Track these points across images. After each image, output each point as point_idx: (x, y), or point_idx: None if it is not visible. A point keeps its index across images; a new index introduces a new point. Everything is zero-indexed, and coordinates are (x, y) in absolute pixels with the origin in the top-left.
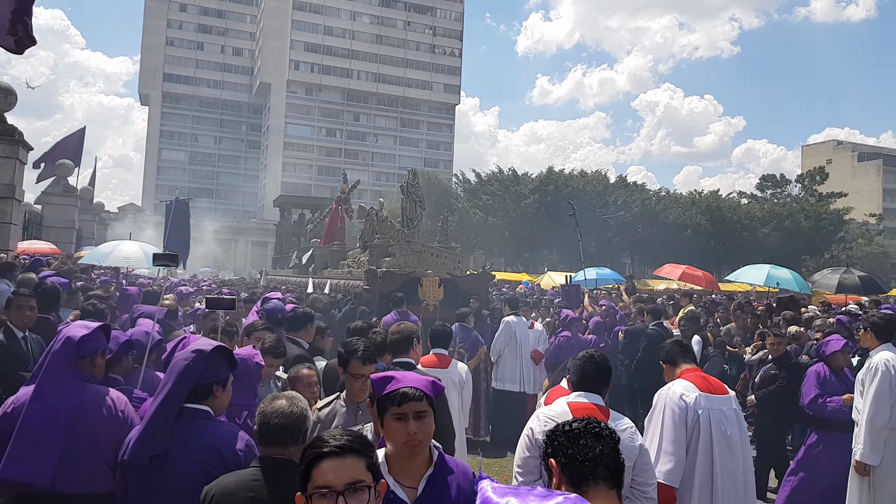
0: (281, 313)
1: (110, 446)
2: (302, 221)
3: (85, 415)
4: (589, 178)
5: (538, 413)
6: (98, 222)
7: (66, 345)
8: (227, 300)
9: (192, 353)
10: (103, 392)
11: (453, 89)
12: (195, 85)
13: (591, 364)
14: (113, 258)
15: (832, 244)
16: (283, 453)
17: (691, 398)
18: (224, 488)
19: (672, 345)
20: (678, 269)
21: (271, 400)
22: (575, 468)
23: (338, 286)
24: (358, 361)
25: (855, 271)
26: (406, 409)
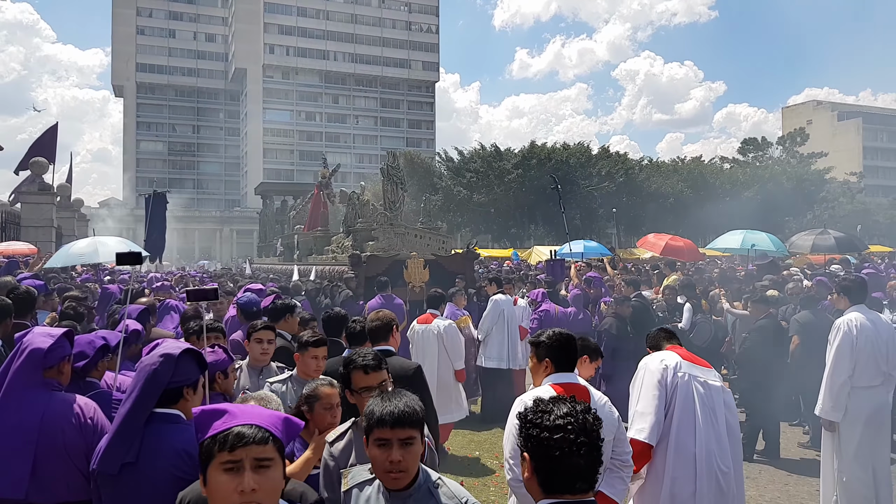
0: (255, 306)
1: (81, 454)
2: (285, 208)
3: (54, 424)
4: (572, 151)
5: (524, 399)
6: (78, 219)
7: (31, 356)
8: (209, 290)
9: (160, 358)
10: (71, 400)
11: (432, 66)
12: (169, 74)
13: (565, 342)
14: (69, 257)
15: (814, 204)
16: None
17: (671, 362)
18: (199, 493)
19: (657, 332)
20: (661, 240)
21: (241, 403)
22: (549, 482)
23: (323, 272)
24: (360, 372)
25: (832, 232)
26: (240, 454)
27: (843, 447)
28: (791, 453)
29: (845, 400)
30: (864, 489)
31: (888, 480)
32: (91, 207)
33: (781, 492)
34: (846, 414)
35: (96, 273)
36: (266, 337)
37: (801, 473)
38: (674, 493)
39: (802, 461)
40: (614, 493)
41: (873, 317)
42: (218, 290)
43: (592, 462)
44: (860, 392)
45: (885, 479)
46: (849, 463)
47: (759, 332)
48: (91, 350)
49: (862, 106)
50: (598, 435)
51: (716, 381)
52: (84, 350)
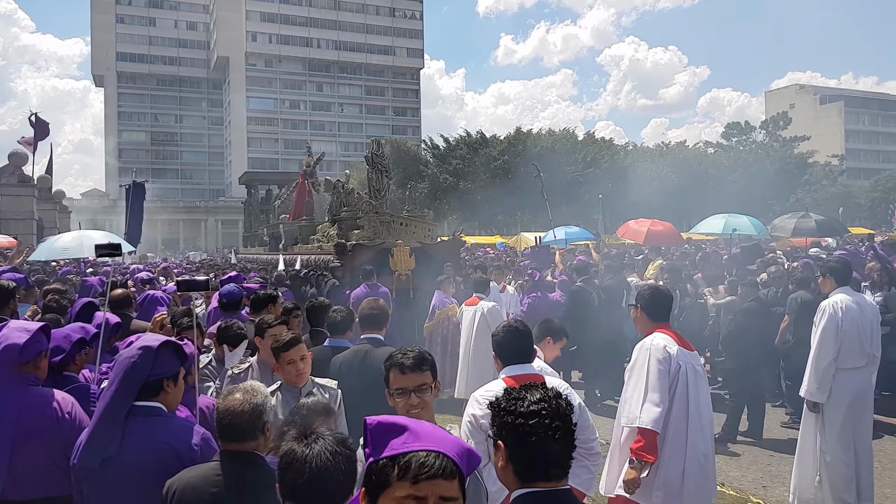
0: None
1: (59, 449)
2: (269, 197)
3: (31, 420)
4: (557, 137)
5: (476, 396)
6: (59, 211)
7: (6, 351)
8: (200, 282)
9: (139, 350)
10: (48, 395)
11: (416, 53)
12: (150, 63)
13: (513, 335)
14: (52, 251)
15: (797, 187)
16: (240, 447)
17: (674, 350)
18: (186, 482)
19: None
20: (642, 226)
21: (226, 395)
22: (524, 469)
23: (308, 261)
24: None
25: (813, 215)
26: (425, 490)
27: (828, 428)
28: (773, 433)
29: (830, 381)
30: (845, 469)
31: (869, 460)
32: (73, 199)
33: (764, 472)
34: (831, 395)
35: (77, 265)
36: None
37: (784, 452)
38: (667, 479)
39: (785, 440)
40: (579, 483)
41: (858, 298)
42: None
43: (566, 447)
44: (845, 374)
45: (867, 458)
46: (832, 443)
47: (745, 314)
48: (67, 344)
49: (844, 89)
50: (570, 419)
51: (700, 364)
52: (60, 344)
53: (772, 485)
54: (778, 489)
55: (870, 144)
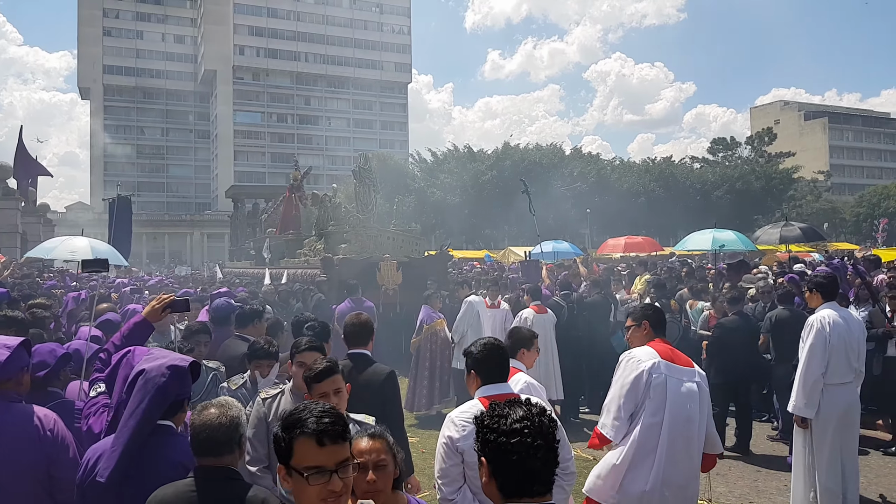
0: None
1: (42, 466)
2: (256, 211)
3: (11, 437)
4: (544, 152)
5: (452, 418)
6: (44, 224)
7: None
8: (179, 302)
9: (168, 370)
10: (29, 412)
11: (404, 68)
12: (137, 76)
13: (493, 352)
14: (59, 251)
15: (783, 203)
16: (217, 462)
17: (648, 363)
18: (161, 500)
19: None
20: (619, 242)
21: (201, 410)
22: (507, 486)
23: (295, 276)
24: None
25: (795, 224)
26: None
27: (816, 443)
28: (760, 448)
29: (818, 397)
30: (833, 485)
31: (855, 475)
32: (57, 212)
33: (751, 487)
34: (819, 411)
35: (62, 279)
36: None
37: (771, 468)
38: (625, 489)
39: (772, 455)
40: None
41: (845, 314)
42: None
43: (549, 464)
44: (833, 389)
45: (853, 473)
46: (822, 460)
47: (722, 329)
48: (52, 359)
49: (828, 105)
50: (554, 437)
51: (693, 381)
52: (45, 359)
53: (758, 500)
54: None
55: (854, 160)
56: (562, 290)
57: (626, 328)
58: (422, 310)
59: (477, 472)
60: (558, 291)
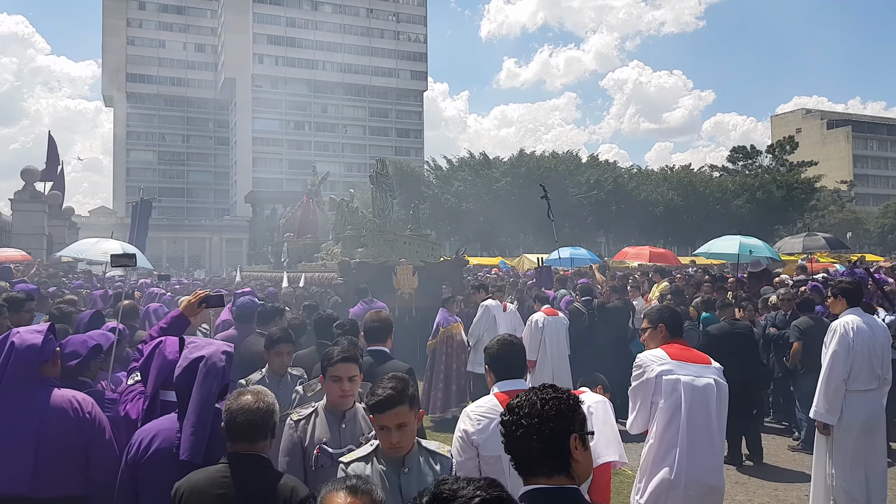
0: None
1: (79, 447)
2: (274, 216)
3: (53, 419)
4: (560, 159)
5: (468, 412)
6: (68, 227)
7: (29, 352)
8: (214, 297)
9: (224, 355)
10: (69, 396)
11: (420, 76)
12: (159, 84)
13: (509, 349)
14: (92, 252)
15: (804, 213)
16: (250, 449)
17: (656, 365)
18: (194, 484)
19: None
20: (643, 250)
21: (237, 396)
22: (514, 464)
23: (312, 279)
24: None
25: (819, 233)
26: None
27: (837, 452)
28: (781, 458)
29: (841, 403)
30: (856, 494)
31: (881, 487)
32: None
33: (771, 496)
34: (841, 418)
35: (89, 279)
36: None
37: (791, 478)
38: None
39: (793, 465)
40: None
41: (869, 319)
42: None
43: (538, 448)
44: (856, 396)
45: (879, 485)
46: (842, 468)
47: (709, 336)
48: (84, 349)
49: (851, 114)
50: (545, 419)
51: (710, 376)
52: (77, 349)
53: None
54: None
55: (878, 170)
56: (583, 297)
57: (641, 330)
58: (439, 313)
59: (491, 467)
60: (579, 297)
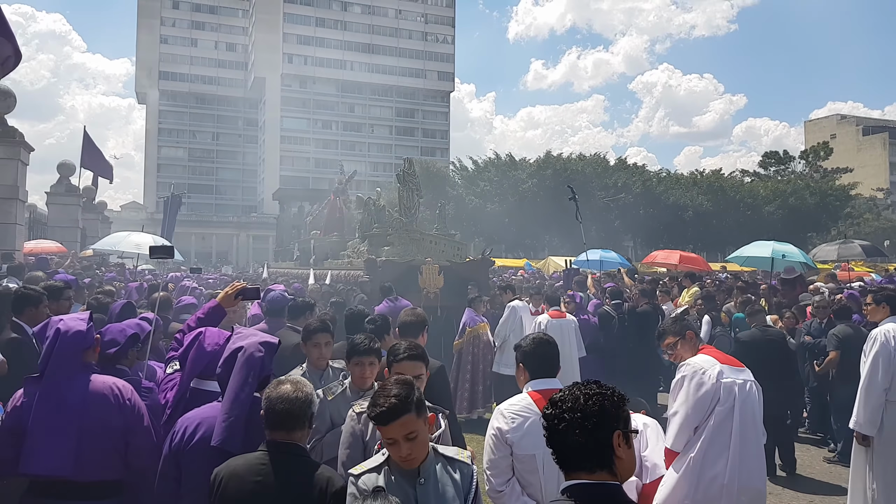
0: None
1: (120, 432)
2: (301, 214)
3: (95, 404)
4: (588, 161)
5: (501, 410)
6: (101, 221)
7: (76, 338)
8: (250, 290)
9: (262, 346)
10: (110, 381)
11: (447, 76)
12: (190, 81)
13: (543, 347)
14: (124, 244)
15: (838, 220)
16: (288, 437)
17: (714, 371)
18: (233, 471)
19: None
20: (673, 254)
21: (276, 385)
22: (556, 458)
23: (338, 276)
24: None
25: (855, 241)
26: None
27: (878, 464)
28: (816, 469)
29: (881, 413)
30: None
31: None
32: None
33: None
34: (882, 429)
35: (121, 272)
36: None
37: (827, 491)
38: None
39: (828, 478)
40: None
41: None
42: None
43: (580, 442)
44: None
45: None
46: (884, 481)
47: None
48: (122, 338)
49: (888, 120)
50: (588, 415)
51: (752, 380)
52: (115, 337)
53: None
54: None
55: None
56: (613, 300)
57: (667, 346)
58: (465, 312)
59: (525, 465)
60: (608, 301)
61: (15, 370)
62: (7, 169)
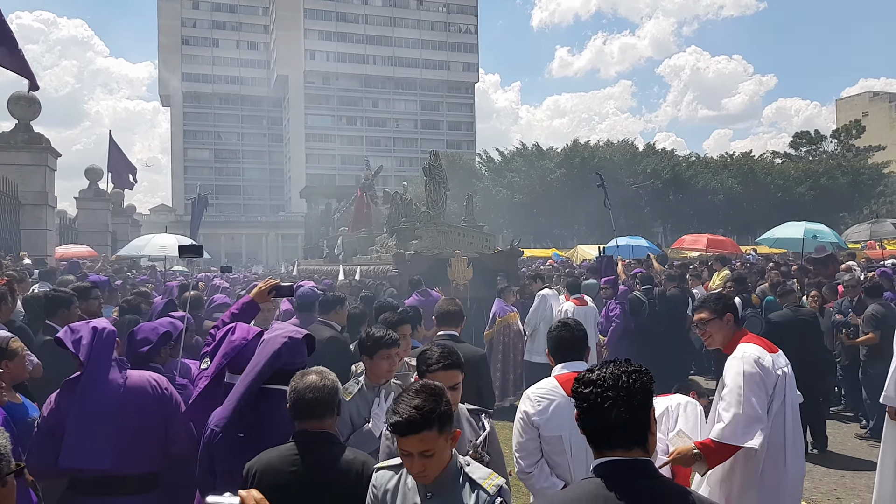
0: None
1: (160, 420)
2: (329, 211)
3: (134, 397)
4: (616, 148)
5: (528, 394)
6: (131, 224)
7: (110, 335)
8: (284, 287)
9: (284, 339)
10: (146, 375)
11: (471, 67)
12: (213, 82)
13: (566, 332)
14: (149, 248)
15: (871, 199)
16: (319, 426)
17: (768, 361)
18: (266, 463)
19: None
20: (701, 237)
21: (301, 376)
22: (590, 436)
23: (368, 271)
24: None
25: (886, 220)
26: None
27: None
28: (848, 446)
29: None
30: None
31: None
32: (142, 214)
33: (838, 484)
34: None
35: (153, 274)
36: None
37: (859, 466)
38: (764, 486)
39: (860, 454)
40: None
41: None
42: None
43: (625, 419)
44: None
45: None
46: None
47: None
48: (154, 336)
49: None
50: (631, 393)
51: (789, 367)
52: (148, 336)
53: (846, 497)
54: (852, 501)
55: None
56: (643, 285)
57: (699, 321)
58: (495, 303)
59: (553, 447)
60: (639, 286)
61: (50, 373)
62: (35, 175)
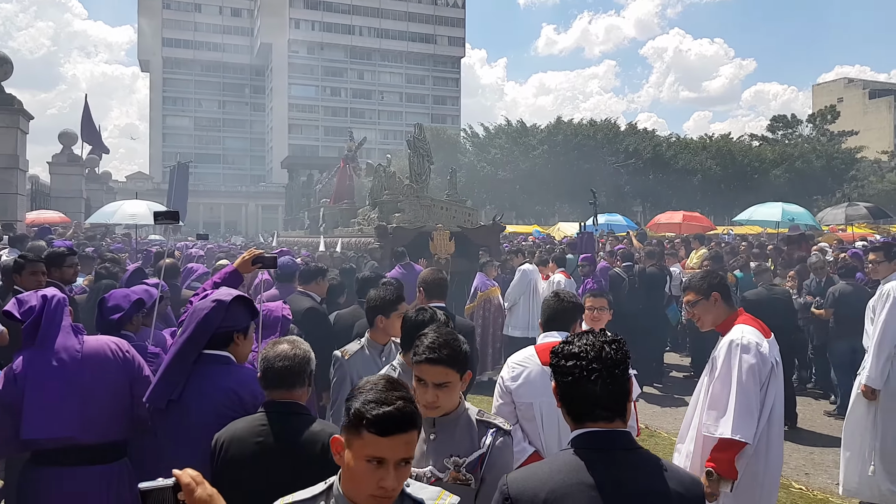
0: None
1: (125, 384)
2: (311, 182)
3: (93, 363)
4: (598, 127)
5: (508, 362)
6: (106, 191)
7: (60, 304)
8: (268, 258)
9: (213, 303)
10: (104, 339)
11: (457, 42)
12: (195, 49)
13: (555, 302)
14: (118, 216)
15: (844, 183)
16: (288, 396)
17: (764, 346)
18: (233, 434)
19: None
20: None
21: (273, 345)
22: (571, 409)
23: (349, 244)
24: None
25: (861, 203)
26: None
27: (883, 417)
28: (816, 424)
29: (889, 367)
30: None
31: None
32: (118, 181)
33: (807, 460)
34: (888, 382)
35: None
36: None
37: (827, 443)
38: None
39: (829, 430)
40: None
41: None
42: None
43: (609, 390)
44: None
45: None
46: (889, 433)
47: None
48: (126, 303)
49: (894, 84)
50: (614, 364)
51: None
52: (119, 303)
53: (814, 472)
54: (820, 476)
55: None
56: (623, 262)
57: (686, 303)
58: (476, 277)
59: (524, 413)
60: (619, 263)
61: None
62: (6, 137)
